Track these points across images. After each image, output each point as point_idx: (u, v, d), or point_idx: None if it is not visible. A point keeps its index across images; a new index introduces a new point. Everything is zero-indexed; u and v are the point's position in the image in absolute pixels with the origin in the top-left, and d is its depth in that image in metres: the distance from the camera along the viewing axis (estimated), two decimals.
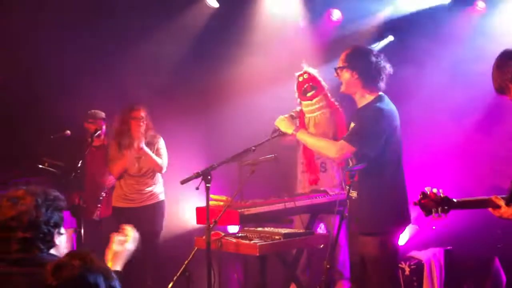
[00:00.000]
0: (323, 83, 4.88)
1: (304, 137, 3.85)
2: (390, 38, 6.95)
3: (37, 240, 2.43)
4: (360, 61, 3.69)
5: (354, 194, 3.68)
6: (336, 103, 4.89)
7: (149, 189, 5.81)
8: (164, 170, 5.83)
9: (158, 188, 5.88)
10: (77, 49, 6.16)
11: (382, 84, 3.72)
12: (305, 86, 4.55)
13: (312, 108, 4.08)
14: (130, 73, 6.42)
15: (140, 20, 6.45)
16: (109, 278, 1.97)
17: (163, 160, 5.81)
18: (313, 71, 4.89)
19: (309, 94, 4.82)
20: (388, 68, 3.73)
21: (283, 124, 3.89)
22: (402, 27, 6.77)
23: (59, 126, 5.92)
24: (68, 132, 5.86)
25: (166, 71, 6.71)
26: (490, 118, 6.63)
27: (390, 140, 3.64)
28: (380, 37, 6.91)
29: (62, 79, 6.21)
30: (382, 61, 3.71)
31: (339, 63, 3.77)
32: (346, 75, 3.72)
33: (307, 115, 4.11)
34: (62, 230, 2.60)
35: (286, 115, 3.94)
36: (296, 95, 4.95)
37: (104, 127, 6.13)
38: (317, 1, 6.84)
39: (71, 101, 6.01)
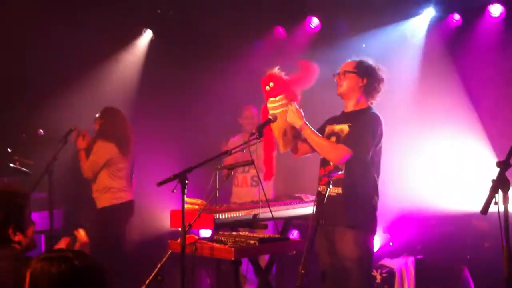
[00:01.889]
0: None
1: (309, 134, 3.94)
2: None
3: None
4: (370, 72, 4.02)
5: (337, 190, 3.88)
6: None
7: (95, 194, 5.78)
8: (88, 175, 5.75)
9: (103, 192, 5.73)
10: (55, 54, 6.14)
11: (377, 98, 4.08)
12: (269, 84, 4.46)
13: (274, 105, 4.06)
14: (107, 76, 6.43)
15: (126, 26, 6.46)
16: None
17: (88, 166, 5.72)
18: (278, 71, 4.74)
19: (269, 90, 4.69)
20: (384, 86, 4.08)
21: (292, 116, 3.96)
22: None
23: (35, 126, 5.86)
24: (41, 131, 5.78)
25: (142, 72, 6.70)
26: (462, 127, 6.73)
27: (379, 145, 3.95)
28: None
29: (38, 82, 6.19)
30: (384, 79, 4.07)
31: (346, 68, 4.05)
32: (352, 80, 4.01)
33: (270, 111, 4.09)
34: (26, 226, 2.57)
35: (293, 108, 3.97)
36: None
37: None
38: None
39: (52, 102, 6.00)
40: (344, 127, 3.99)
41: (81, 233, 2.91)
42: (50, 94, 6.40)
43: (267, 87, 4.09)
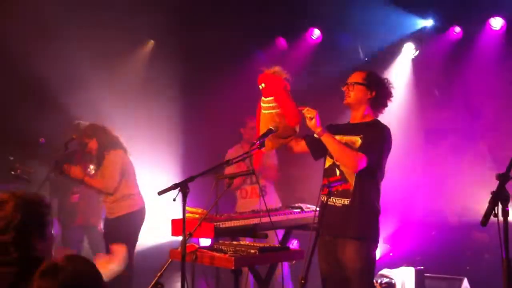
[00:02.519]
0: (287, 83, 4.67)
1: (330, 140, 3.86)
2: None
3: (13, 244, 2.46)
4: (380, 85, 4.01)
5: (343, 201, 3.86)
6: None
7: (110, 205, 5.72)
8: (110, 191, 5.65)
9: (122, 200, 5.70)
10: (58, 62, 6.18)
11: (383, 112, 4.07)
12: (261, 85, 4.40)
13: (264, 105, 4.06)
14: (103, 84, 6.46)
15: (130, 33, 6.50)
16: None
17: (103, 180, 5.64)
18: (277, 71, 4.31)
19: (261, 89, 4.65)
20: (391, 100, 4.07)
21: (313, 123, 3.84)
22: None
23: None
24: (43, 139, 5.80)
25: (143, 81, 6.74)
26: (463, 140, 6.75)
27: (387, 157, 3.97)
28: None
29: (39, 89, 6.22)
30: (392, 93, 4.05)
31: (355, 79, 4.01)
32: (361, 92, 3.97)
33: (262, 111, 4.09)
34: (48, 235, 2.61)
35: (311, 115, 3.86)
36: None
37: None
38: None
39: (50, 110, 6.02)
40: (355, 139, 3.92)
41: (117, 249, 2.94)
42: (52, 102, 6.42)
43: (260, 86, 4.09)
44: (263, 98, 4.11)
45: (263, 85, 4.07)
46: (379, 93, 3.99)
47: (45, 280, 2.07)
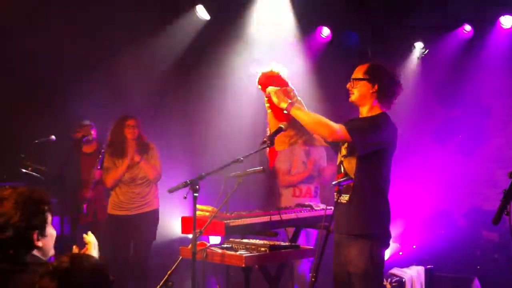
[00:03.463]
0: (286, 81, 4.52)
1: (298, 113, 3.76)
2: None
3: (13, 241, 2.48)
4: (383, 77, 3.82)
5: (346, 198, 3.75)
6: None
7: (144, 197, 5.80)
8: (159, 178, 5.85)
9: (153, 196, 5.85)
10: (68, 57, 6.18)
11: (392, 104, 3.88)
12: (259, 87, 4.40)
13: (266, 105, 4.06)
14: (121, 82, 6.46)
15: (131, 30, 6.46)
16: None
17: (157, 169, 5.81)
18: (278, 70, 4.29)
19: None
20: (401, 90, 3.88)
21: (276, 97, 3.80)
22: None
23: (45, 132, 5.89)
24: (53, 137, 5.82)
25: (155, 78, 6.74)
26: (472, 139, 6.73)
27: (391, 153, 3.80)
28: None
29: (52, 86, 6.23)
30: (398, 82, 3.86)
31: (356, 75, 3.87)
32: (363, 87, 3.82)
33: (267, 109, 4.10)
34: (48, 232, 2.61)
35: (276, 91, 3.83)
36: None
37: (92, 133, 6.18)
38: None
39: (60, 107, 6.02)
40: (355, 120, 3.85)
41: (89, 237, 2.93)
42: (62, 100, 6.43)
43: (259, 87, 4.08)
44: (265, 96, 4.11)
45: (259, 87, 4.07)
46: (383, 85, 3.81)
47: (47, 280, 2.08)
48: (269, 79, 4.04)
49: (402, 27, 6.85)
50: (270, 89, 3.88)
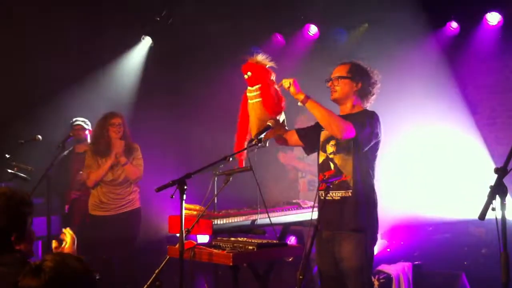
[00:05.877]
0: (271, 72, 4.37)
1: (314, 106, 3.79)
2: None
3: None
4: (364, 76, 3.96)
5: (340, 194, 3.83)
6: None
7: (126, 197, 5.75)
8: (140, 179, 5.79)
9: (134, 195, 5.80)
10: (60, 59, 6.16)
11: (371, 101, 4.02)
12: (247, 73, 4.35)
13: (251, 95, 4.04)
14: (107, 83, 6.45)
15: (125, 33, 6.48)
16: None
17: (140, 170, 5.76)
18: (260, 59, 4.26)
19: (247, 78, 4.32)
20: (378, 88, 4.02)
21: (294, 87, 3.82)
22: None
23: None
24: (39, 137, 5.77)
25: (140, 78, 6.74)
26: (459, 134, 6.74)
27: (379, 147, 3.90)
28: None
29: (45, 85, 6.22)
30: (378, 81, 4.01)
31: (338, 73, 3.97)
32: (346, 85, 3.94)
33: (249, 101, 4.07)
34: (28, 234, 2.59)
35: (292, 81, 3.84)
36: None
37: (85, 133, 6.13)
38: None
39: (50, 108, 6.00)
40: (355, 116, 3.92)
41: (68, 232, 2.91)
42: (48, 100, 6.41)
43: (246, 76, 4.06)
44: (249, 87, 4.08)
45: (249, 73, 4.03)
46: (365, 84, 3.95)
47: (29, 280, 2.05)
48: (255, 67, 4.03)
49: None
50: (286, 79, 3.90)
